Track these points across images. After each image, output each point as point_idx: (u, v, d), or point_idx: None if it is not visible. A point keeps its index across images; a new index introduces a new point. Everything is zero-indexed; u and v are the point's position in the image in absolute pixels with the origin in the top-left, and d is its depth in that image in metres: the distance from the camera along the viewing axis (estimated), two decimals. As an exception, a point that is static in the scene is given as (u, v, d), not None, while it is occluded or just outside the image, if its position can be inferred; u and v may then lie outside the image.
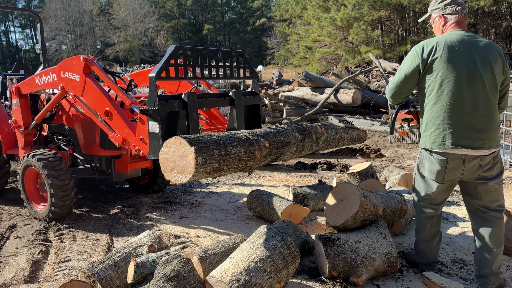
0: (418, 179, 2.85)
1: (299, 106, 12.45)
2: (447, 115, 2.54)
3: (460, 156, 2.56)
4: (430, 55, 2.56)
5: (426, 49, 2.59)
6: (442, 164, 2.61)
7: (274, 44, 46.56)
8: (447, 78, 2.53)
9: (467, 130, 2.53)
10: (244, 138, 2.77)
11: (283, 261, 2.56)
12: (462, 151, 2.54)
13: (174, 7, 65.47)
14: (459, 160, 2.57)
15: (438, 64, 2.54)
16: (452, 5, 2.69)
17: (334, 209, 3.14)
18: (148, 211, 4.71)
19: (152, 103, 2.98)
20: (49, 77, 4.16)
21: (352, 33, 21.98)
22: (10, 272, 3.23)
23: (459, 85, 2.52)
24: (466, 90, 2.52)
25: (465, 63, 2.53)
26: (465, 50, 2.55)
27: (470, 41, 2.58)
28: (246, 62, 3.67)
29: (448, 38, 2.59)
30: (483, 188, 2.67)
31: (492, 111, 2.59)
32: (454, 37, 2.59)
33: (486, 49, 2.58)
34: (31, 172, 4.39)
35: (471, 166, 2.59)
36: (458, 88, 2.52)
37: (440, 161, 2.61)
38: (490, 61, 2.56)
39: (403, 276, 2.96)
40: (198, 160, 2.36)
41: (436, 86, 2.56)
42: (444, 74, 2.53)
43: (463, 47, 2.55)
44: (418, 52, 2.62)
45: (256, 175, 6.21)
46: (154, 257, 2.72)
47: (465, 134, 2.53)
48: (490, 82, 2.56)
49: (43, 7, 61.48)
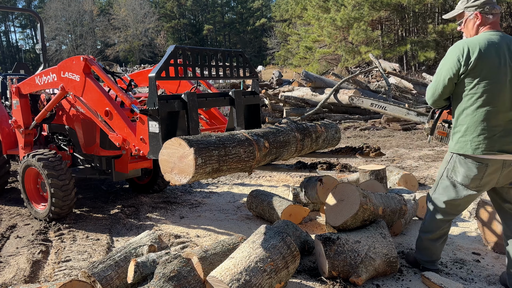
0: (446, 186, 2.75)
1: (299, 106, 12.45)
2: (491, 119, 2.47)
3: (501, 161, 2.51)
4: (472, 57, 2.46)
5: (468, 51, 2.48)
6: (481, 169, 2.54)
7: (274, 44, 46.57)
8: (490, 81, 2.46)
9: (507, 135, 2.49)
10: (243, 138, 2.77)
11: (283, 261, 2.56)
12: (505, 156, 2.49)
13: (174, 7, 65.48)
14: (499, 166, 2.53)
15: (481, 67, 2.45)
16: (490, 4, 2.58)
17: (334, 209, 3.14)
18: (148, 211, 4.71)
19: (152, 103, 2.99)
20: (49, 77, 4.17)
21: (352, 34, 21.99)
22: (10, 272, 3.23)
23: (503, 89, 2.46)
24: (508, 94, 2.47)
25: (507, 65, 2.47)
26: (506, 52, 2.49)
27: (509, 42, 2.52)
28: (246, 62, 3.67)
29: (489, 39, 2.50)
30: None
31: None
32: (494, 38, 2.51)
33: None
34: (31, 172, 4.39)
35: (509, 171, 2.56)
36: (501, 92, 2.46)
37: (478, 166, 2.55)
38: None
39: (403, 276, 2.96)
40: (197, 161, 2.36)
41: (479, 89, 2.48)
42: (487, 78, 2.45)
43: (504, 49, 2.49)
44: (459, 54, 2.50)
45: (256, 175, 6.21)
46: (154, 257, 2.72)
47: (509, 139, 2.49)
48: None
49: (43, 7, 61.48)
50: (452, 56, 2.55)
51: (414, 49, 21.78)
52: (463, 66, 2.49)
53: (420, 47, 20.97)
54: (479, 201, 3.43)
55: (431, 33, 21.12)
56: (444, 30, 20.60)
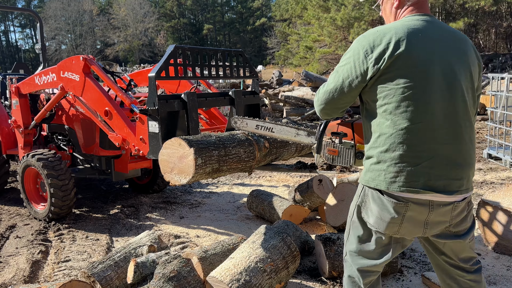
0: (355, 227, 1.91)
1: (299, 106, 12.45)
2: (414, 142, 1.68)
3: (427, 202, 1.71)
4: (386, 53, 1.67)
5: (378, 44, 1.69)
6: (399, 210, 1.72)
7: (274, 44, 46.54)
8: (413, 87, 1.66)
9: (442, 166, 1.70)
10: (243, 138, 2.76)
11: (283, 261, 2.56)
12: (432, 196, 1.69)
13: (174, 7, 65.45)
14: (424, 208, 1.71)
15: (399, 66, 1.67)
16: None
17: (334, 209, 3.13)
18: (148, 211, 4.70)
19: (152, 103, 2.98)
20: (48, 77, 4.16)
21: (353, 33, 21.98)
22: (10, 272, 3.23)
23: (432, 98, 1.67)
24: (441, 105, 1.68)
25: (438, 65, 1.69)
26: (436, 44, 1.72)
27: (441, 32, 1.76)
28: (246, 62, 3.66)
29: (410, 26, 1.71)
30: (454, 246, 1.88)
31: (473, 136, 1.79)
32: (418, 25, 1.73)
33: (461, 44, 1.78)
34: (31, 172, 4.38)
35: (439, 217, 1.75)
36: (429, 103, 1.67)
37: (396, 206, 1.72)
38: (469, 62, 1.77)
39: (403, 276, 2.95)
40: (197, 161, 2.36)
41: (396, 98, 1.68)
42: (409, 81, 1.66)
43: (433, 40, 1.72)
44: (368, 47, 1.71)
45: (256, 175, 6.20)
46: (154, 257, 2.71)
47: (439, 171, 1.69)
48: (470, 93, 1.77)
49: (43, 7, 61.48)
50: (354, 52, 1.76)
51: (414, 49, 21.79)
52: (373, 65, 1.69)
53: (420, 47, 20.97)
54: (479, 201, 3.43)
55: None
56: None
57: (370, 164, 1.79)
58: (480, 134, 8.98)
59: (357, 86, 1.77)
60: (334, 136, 2.24)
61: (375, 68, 1.69)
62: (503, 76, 6.19)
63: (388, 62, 1.67)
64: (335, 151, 2.22)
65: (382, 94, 1.72)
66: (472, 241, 1.91)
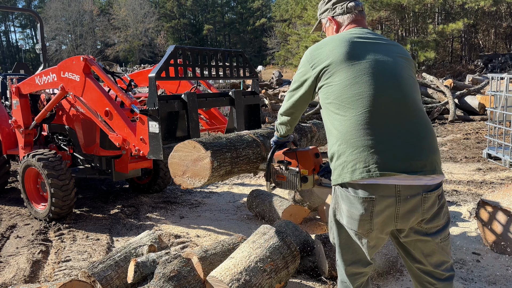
0: (334, 231, 1.94)
1: (299, 106, 12.46)
2: (366, 127, 1.73)
3: (393, 190, 1.70)
4: (324, 58, 1.86)
5: (316, 52, 1.91)
6: (367, 204, 1.72)
7: (274, 44, 46.54)
8: (354, 78, 1.79)
9: (398, 146, 1.72)
10: (250, 140, 2.76)
11: (283, 261, 2.56)
12: (395, 178, 1.69)
13: (174, 7, 65.47)
14: (391, 200, 1.71)
15: (337, 65, 1.82)
16: (342, 2, 2.05)
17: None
18: (148, 211, 4.71)
19: (152, 103, 2.99)
20: (49, 77, 4.17)
21: (352, 33, 21.96)
22: (10, 272, 3.23)
23: (374, 84, 1.78)
24: (386, 91, 1.78)
25: (373, 53, 1.85)
26: (369, 41, 1.90)
27: (375, 35, 1.97)
28: (246, 62, 3.67)
29: (344, 34, 1.94)
30: (424, 247, 1.86)
31: (426, 119, 1.85)
32: (353, 31, 1.96)
33: (394, 44, 1.98)
34: (31, 172, 4.39)
35: (409, 209, 1.74)
36: (373, 88, 1.77)
37: (363, 200, 1.72)
38: (402, 53, 1.94)
39: (403, 276, 2.96)
40: (214, 164, 2.33)
41: (340, 92, 1.80)
42: (349, 74, 1.80)
43: (366, 39, 1.91)
44: (308, 58, 1.94)
45: (256, 175, 6.21)
46: (154, 257, 2.72)
47: (396, 152, 1.71)
48: (411, 80, 1.88)
49: (43, 7, 61.49)
50: (301, 63, 1.98)
51: (414, 49, 21.77)
52: (314, 73, 1.89)
53: (420, 47, 20.96)
54: (479, 201, 3.43)
55: (431, 33, 21.12)
56: (444, 30, 20.61)
57: (334, 162, 1.83)
58: (480, 134, 8.98)
59: (308, 91, 1.98)
60: (280, 164, 2.50)
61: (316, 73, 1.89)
62: (502, 76, 6.20)
63: (327, 64, 1.85)
64: (284, 176, 2.50)
65: (327, 93, 1.86)
66: (445, 242, 1.88)
